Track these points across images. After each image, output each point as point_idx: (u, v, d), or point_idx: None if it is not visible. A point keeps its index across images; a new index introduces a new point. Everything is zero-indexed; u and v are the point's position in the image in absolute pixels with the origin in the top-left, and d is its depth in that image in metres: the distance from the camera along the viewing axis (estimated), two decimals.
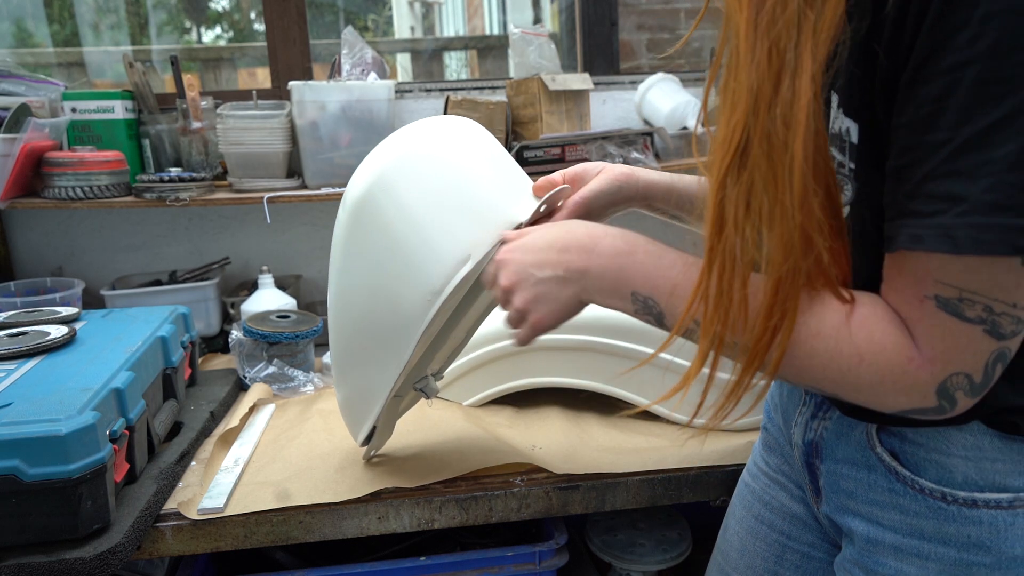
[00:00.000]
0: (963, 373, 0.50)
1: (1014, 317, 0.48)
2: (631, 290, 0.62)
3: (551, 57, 1.54)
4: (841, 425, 0.64)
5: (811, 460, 0.68)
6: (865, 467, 0.62)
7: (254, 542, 0.89)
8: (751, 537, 0.79)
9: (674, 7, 1.96)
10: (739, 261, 0.52)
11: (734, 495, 0.85)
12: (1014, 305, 0.47)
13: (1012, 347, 0.50)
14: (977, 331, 0.48)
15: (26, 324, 1.07)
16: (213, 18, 3.81)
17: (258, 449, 1.05)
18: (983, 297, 0.47)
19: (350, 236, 0.79)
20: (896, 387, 0.51)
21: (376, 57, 1.51)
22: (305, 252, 1.67)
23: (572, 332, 1.08)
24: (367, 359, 0.83)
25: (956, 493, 0.57)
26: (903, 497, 0.59)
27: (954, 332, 0.49)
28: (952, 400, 0.51)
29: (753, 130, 0.49)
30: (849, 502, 0.64)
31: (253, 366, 1.28)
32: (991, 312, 0.48)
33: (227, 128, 1.41)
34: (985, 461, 0.56)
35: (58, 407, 0.82)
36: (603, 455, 0.99)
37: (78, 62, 2.37)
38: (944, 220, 0.46)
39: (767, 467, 0.79)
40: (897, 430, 0.60)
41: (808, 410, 0.69)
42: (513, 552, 0.99)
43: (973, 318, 0.48)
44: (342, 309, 0.83)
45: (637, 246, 0.63)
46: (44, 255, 1.60)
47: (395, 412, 0.98)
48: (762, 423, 0.82)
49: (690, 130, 1.51)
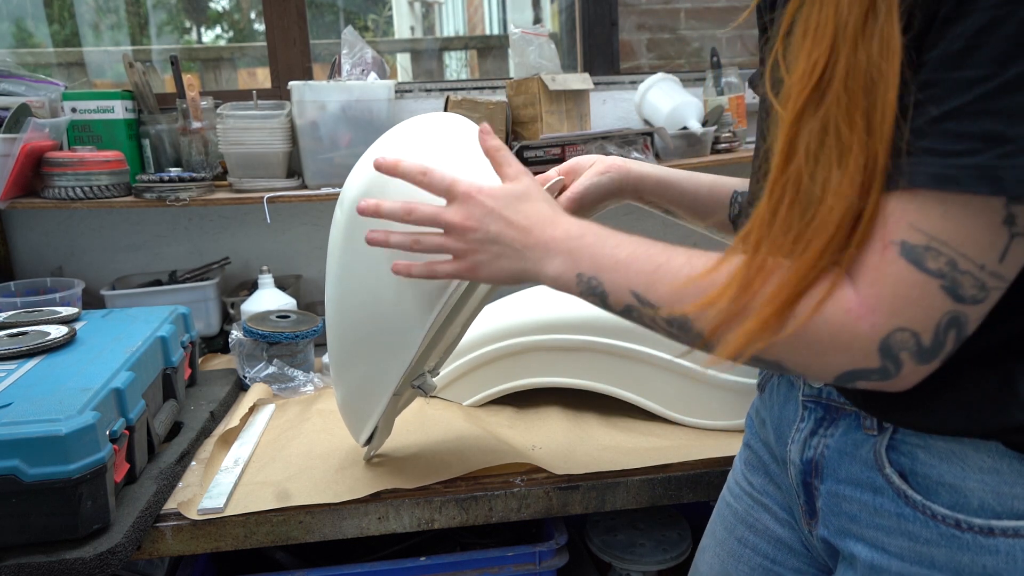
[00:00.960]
0: (910, 330, 0.47)
1: (978, 280, 0.45)
2: (576, 272, 0.62)
3: (551, 57, 1.54)
4: (845, 443, 0.60)
5: (809, 480, 0.63)
6: (871, 489, 0.58)
7: (254, 542, 0.89)
8: (733, 560, 0.75)
9: (674, 7, 1.96)
10: (802, 193, 0.49)
11: (714, 514, 0.80)
12: (981, 267, 0.45)
13: (971, 316, 0.47)
14: (934, 285, 0.46)
15: (26, 324, 1.07)
16: (213, 18, 3.81)
17: (258, 449, 1.05)
18: (951, 250, 0.45)
19: (349, 236, 0.79)
20: (835, 343, 0.49)
21: (376, 57, 1.51)
22: (305, 252, 1.67)
23: (572, 332, 1.08)
24: (368, 359, 0.83)
25: (972, 520, 0.53)
26: (912, 523, 0.55)
27: (907, 281, 0.46)
28: (897, 362, 0.48)
29: (837, 63, 0.47)
30: (851, 526, 0.60)
31: (253, 366, 1.28)
32: (954, 267, 0.45)
33: (227, 128, 1.41)
34: (1004, 485, 0.52)
35: (58, 407, 0.82)
36: (603, 455, 0.99)
37: (78, 62, 2.37)
38: (981, 160, 0.43)
39: (750, 488, 0.74)
40: (909, 450, 0.56)
41: (808, 426, 0.64)
42: (513, 552, 0.99)
43: (933, 270, 0.46)
44: (342, 309, 0.83)
45: (588, 230, 0.63)
46: (44, 255, 1.60)
47: (393, 410, 0.97)
48: (744, 440, 0.77)
49: (690, 130, 1.51)
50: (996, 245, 0.45)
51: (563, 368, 1.11)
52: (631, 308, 0.59)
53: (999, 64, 0.42)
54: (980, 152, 0.43)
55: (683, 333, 0.56)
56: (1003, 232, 0.45)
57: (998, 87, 0.42)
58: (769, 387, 0.71)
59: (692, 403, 1.06)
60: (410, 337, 0.77)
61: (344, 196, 0.80)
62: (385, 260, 0.76)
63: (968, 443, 0.53)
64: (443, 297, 0.74)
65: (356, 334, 0.83)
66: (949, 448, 0.54)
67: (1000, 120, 0.42)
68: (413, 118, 0.82)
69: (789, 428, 0.66)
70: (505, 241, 0.65)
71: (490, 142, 0.71)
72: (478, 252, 0.67)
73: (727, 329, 0.52)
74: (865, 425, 0.59)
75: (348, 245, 0.79)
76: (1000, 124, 0.42)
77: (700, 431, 1.06)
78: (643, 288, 0.57)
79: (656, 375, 1.06)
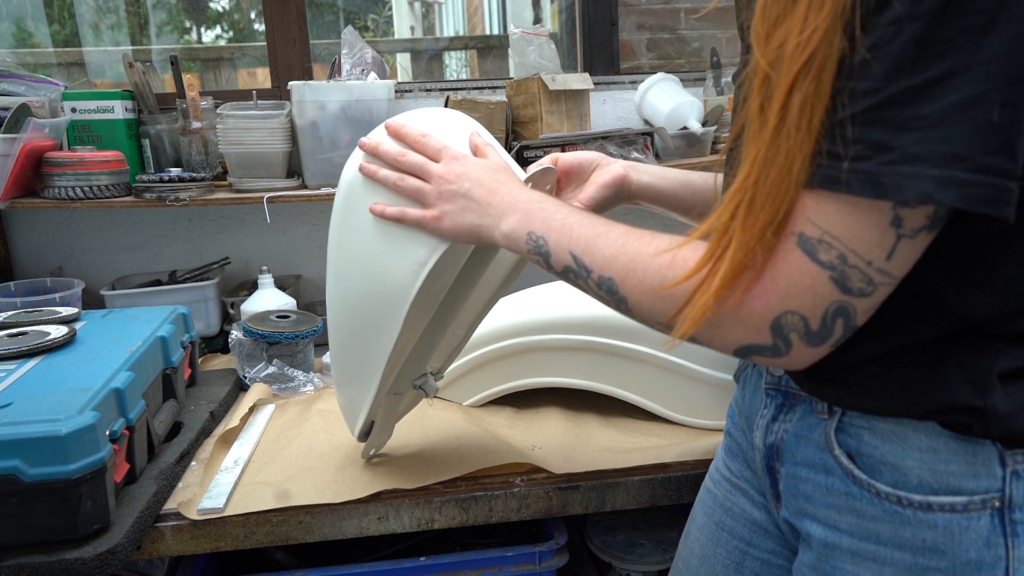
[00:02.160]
0: (799, 314, 0.51)
1: (865, 275, 0.49)
2: (528, 230, 0.68)
3: (551, 57, 1.54)
4: (801, 427, 0.64)
5: (772, 464, 0.67)
6: (823, 470, 0.61)
7: (254, 542, 0.89)
8: (712, 544, 0.78)
9: (674, 7, 1.96)
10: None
11: (696, 501, 0.84)
12: (868, 263, 0.49)
13: (858, 308, 0.51)
14: (824, 276, 0.50)
15: (26, 324, 1.07)
16: (213, 18, 3.81)
17: (258, 449, 1.06)
18: (842, 245, 0.49)
19: (344, 218, 0.82)
20: (732, 317, 0.53)
21: (376, 57, 1.51)
22: (305, 252, 1.67)
23: (572, 332, 1.08)
24: (360, 342, 0.83)
25: (911, 496, 0.56)
26: (859, 501, 0.59)
27: (800, 270, 0.50)
28: (787, 341, 0.53)
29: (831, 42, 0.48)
30: (807, 506, 0.63)
31: (253, 366, 1.28)
32: (844, 261, 0.49)
33: (227, 128, 1.41)
34: (940, 463, 0.56)
35: (58, 407, 0.82)
36: (603, 455, 0.99)
37: (78, 62, 2.37)
38: (868, 166, 0.46)
39: (729, 473, 0.78)
40: (855, 432, 0.59)
41: (769, 412, 0.68)
42: (513, 552, 0.99)
43: (824, 261, 0.49)
44: (337, 293, 0.84)
45: (549, 200, 0.70)
46: (44, 255, 1.60)
47: (394, 412, 0.98)
48: (726, 428, 0.81)
49: (690, 130, 1.51)
50: (883, 244, 0.49)
51: (563, 368, 1.11)
52: (569, 268, 0.65)
53: (887, 79, 0.46)
54: (868, 159, 0.47)
55: (610, 296, 0.62)
56: (890, 232, 0.48)
57: (886, 100, 0.46)
58: (744, 377, 0.75)
59: (692, 403, 1.06)
60: (396, 312, 0.78)
61: (341, 181, 0.82)
62: (375, 236, 0.78)
63: (908, 424, 0.57)
64: (427, 267, 0.76)
65: (350, 316, 0.83)
66: (891, 429, 0.57)
67: (887, 130, 0.46)
68: (410, 111, 0.84)
69: (755, 415, 0.70)
70: (473, 197, 0.72)
71: (475, 140, 0.80)
72: (447, 202, 0.73)
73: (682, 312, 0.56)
74: (817, 410, 0.62)
75: (343, 226, 0.82)
76: (886, 133, 0.46)
77: (700, 431, 1.06)
78: (580, 251, 0.64)
79: (656, 375, 1.06)
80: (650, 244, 0.60)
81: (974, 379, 0.53)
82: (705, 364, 1.04)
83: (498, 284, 0.91)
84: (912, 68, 0.45)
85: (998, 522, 0.55)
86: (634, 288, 0.59)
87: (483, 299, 0.93)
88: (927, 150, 0.45)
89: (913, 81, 0.45)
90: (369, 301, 0.80)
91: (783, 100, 0.48)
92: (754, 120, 0.50)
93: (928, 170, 0.45)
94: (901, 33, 0.45)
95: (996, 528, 0.55)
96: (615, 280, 0.61)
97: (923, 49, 0.44)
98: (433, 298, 0.87)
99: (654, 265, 0.58)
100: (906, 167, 0.45)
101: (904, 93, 0.45)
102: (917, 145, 0.45)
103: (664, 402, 1.08)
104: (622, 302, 0.61)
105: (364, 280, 0.80)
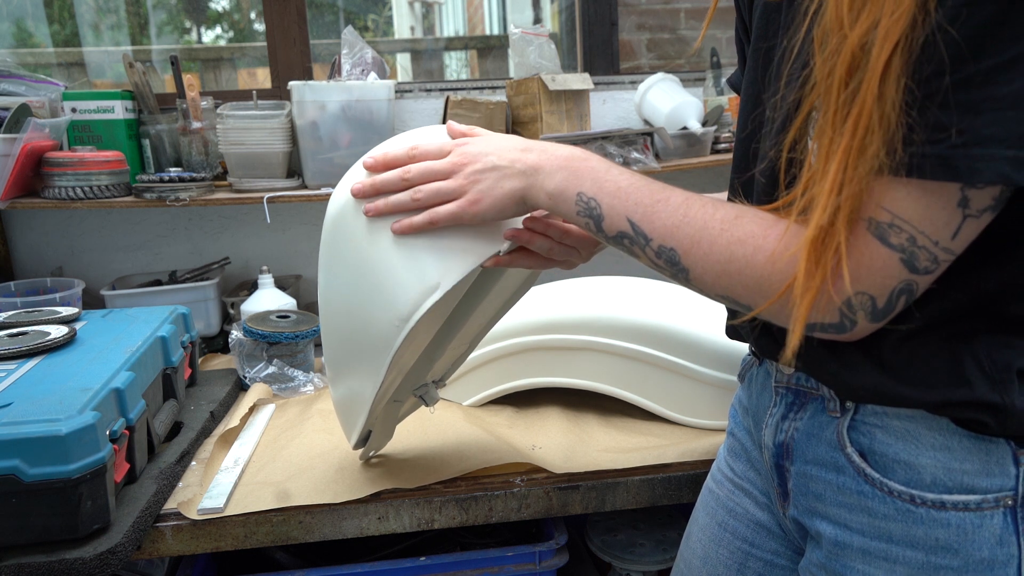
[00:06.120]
0: (868, 294, 0.52)
1: (932, 254, 0.50)
2: (577, 191, 0.65)
3: (551, 57, 1.54)
4: (812, 426, 0.64)
5: (781, 462, 0.67)
6: (834, 469, 0.61)
7: (254, 542, 0.89)
8: (714, 545, 0.78)
9: (674, 7, 1.96)
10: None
11: (698, 502, 0.83)
12: (936, 243, 0.50)
13: (920, 284, 0.52)
14: (895, 258, 0.51)
15: (26, 324, 1.07)
16: (213, 18, 3.81)
17: (258, 449, 1.06)
18: (911, 227, 0.50)
19: (330, 252, 0.78)
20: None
21: (376, 57, 1.51)
22: (305, 252, 1.67)
23: (572, 332, 1.08)
24: (351, 369, 0.82)
25: (924, 495, 0.56)
26: (871, 499, 0.59)
27: (873, 254, 0.51)
28: (853, 320, 0.53)
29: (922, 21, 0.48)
30: (818, 505, 0.63)
31: (253, 366, 1.28)
32: (913, 243, 0.50)
33: (227, 128, 1.41)
34: (954, 462, 0.56)
35: (58, 407, 0.82)
36: (603, 455, 0.99)
37: (78, 62, 2.37)
38: (939, 150, 0.47)
39: (732, 474, 0.77)
40: (867, 430, 0.59)
41: (779, 411, 0.67)
42: (513, 552, 0.99)
43: (895, 245, 0.50)
44: (328, 318, 0.82)
45: (592, 156, 0.67)
46: (44, 255, 1.60)
47: (394, 417, 0.97)
48: (728, 428, 0.81)
49: (690, 130, 1.51)
50: (951, 224, 0.49)
51: (563, 368, 1.11)
52: (624, 235, 0.63)
53: (960, 61, 0.46)
54: (940, 142, 0.47)
55: (669, 266, 0.61)
56: (957, 213, 0.49)
57: (959, 82, 0.46)
58: (749, 377, 0.75)
59: (692, 403, 1.06)
60: (380, 360, 0.75)
61: (328, 210, 0.78)
62: (358, 281, 0.75)
63: (921, 422, 0.57)
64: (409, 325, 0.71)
65: (341, 344, 0.81)
66: (904, 427, 0.58)
67: (959, 112, 0.46)
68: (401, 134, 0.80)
69: (764, 414, 0.70)
70: (505, 164, 0.68)
71: (458, 128, 0.75)
72: (479, 181, 0.68)
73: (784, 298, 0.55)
74: (829, 408, 0.62)
75: (330, 260, 0.78)
76: (958, 116, 0.46)
77: (700, 431, 1.06)
78: (639, 218, 0.61)
79: (655, 375, 1.06)
80: (714, 215, 0.58)
81: (993, 375, 0.54)
82: (706, 364, 1.04)
83: (505, 300, 0.91)
84: (986, 50, 0.45)
85: (1011, 520, 0.55)
86: (698, 260, 0.59)
87: (489, 314, 0.93)
88: (1003, 131, 0.45)
89: (987, 63, 0.45)
90: (356, 339, 0.77)
91: (878, 87, 0.47)
92: (839, 111, 0.49)
93: (1003, 151, 0.45)
94: (975, 15, 0.45)
95: (1009, 526, 0.55)
96: (677, 251, 0.60)
97: (997, 31, 0.45)
98: (436, 317, 0.85)
99: (740, 252, 0.56)
100: (978, 149, 0.46)
101: (977, 75, 0.45)
102: (991, 127, 0.45)
103: (664, 402, 1.08)
104: (682, 272, 0.60)
105: (350, 318, 0.77)
